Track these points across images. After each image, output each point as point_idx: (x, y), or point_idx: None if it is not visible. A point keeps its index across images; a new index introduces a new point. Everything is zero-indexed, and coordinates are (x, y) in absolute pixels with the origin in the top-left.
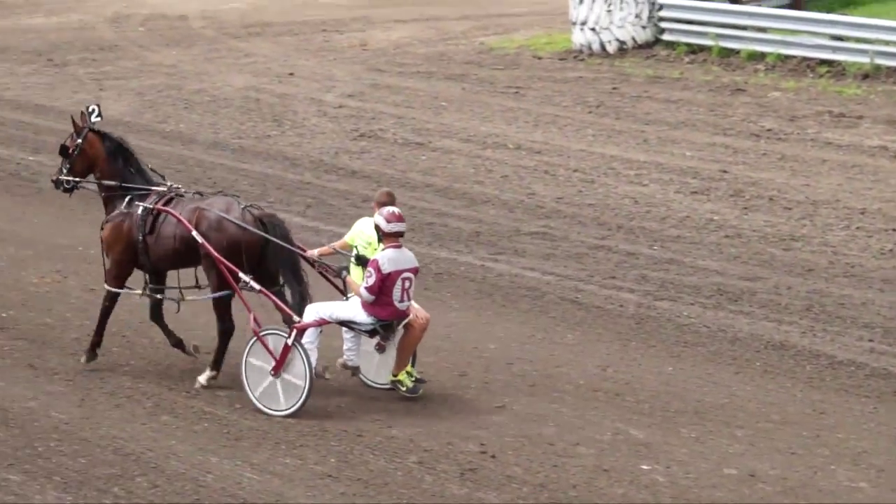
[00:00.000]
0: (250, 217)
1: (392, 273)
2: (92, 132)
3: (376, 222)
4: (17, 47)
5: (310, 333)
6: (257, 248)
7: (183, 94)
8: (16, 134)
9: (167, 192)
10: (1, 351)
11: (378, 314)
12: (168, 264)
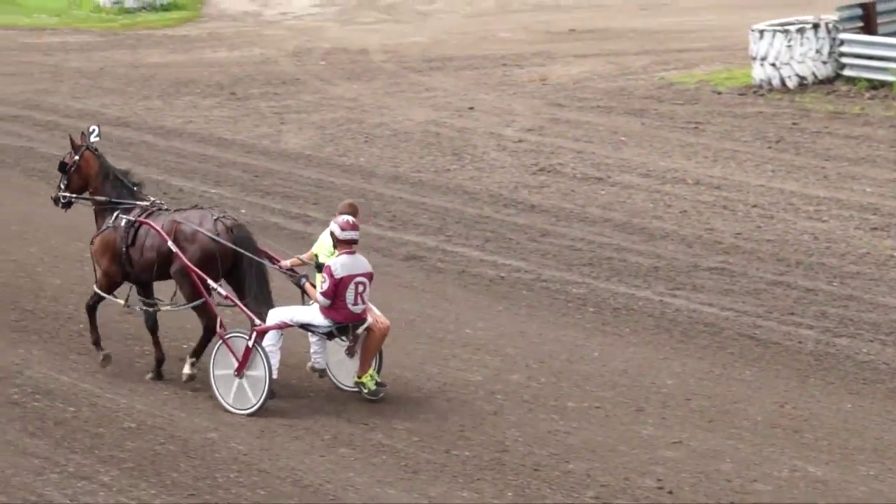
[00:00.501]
0: (223, 227)
1: (345, 278)
2: (88, 151)
3: (332, 230)
4: (200, 81)
5: (271, 336)
6: (229, 255)
7: (363, 128)
8: (198, 167)
9: (149, 207)
10: (183, 383)
11: (334, 317)
12: (149, 275)
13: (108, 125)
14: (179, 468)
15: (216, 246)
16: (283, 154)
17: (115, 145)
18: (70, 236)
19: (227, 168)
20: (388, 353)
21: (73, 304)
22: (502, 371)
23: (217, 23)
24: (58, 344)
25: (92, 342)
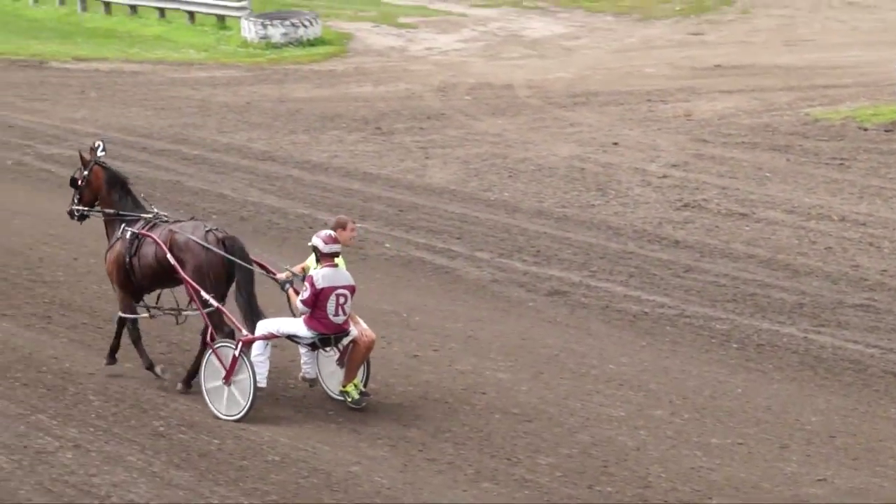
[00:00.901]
0: (213, 238)
1: (326, 289)
2: (97, 165)
3: (314, 244)
4: (345, 115)
5: (259, 346)
6: (220, 263)
7: (508, 163)
8: (344, 201)
9: (152, 219)
10: (326, 416)
11: (316, 328)
12: (150, 284)
13: (254, 159)
14: (323, 501)
15: (206, 255)
16: (428, 189)
17: (261, 178)
18: None
19: (371, 202)
20: (532, 388)
21: None
22: (645, 407)
23: (363, 58)
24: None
25: (145, 368)
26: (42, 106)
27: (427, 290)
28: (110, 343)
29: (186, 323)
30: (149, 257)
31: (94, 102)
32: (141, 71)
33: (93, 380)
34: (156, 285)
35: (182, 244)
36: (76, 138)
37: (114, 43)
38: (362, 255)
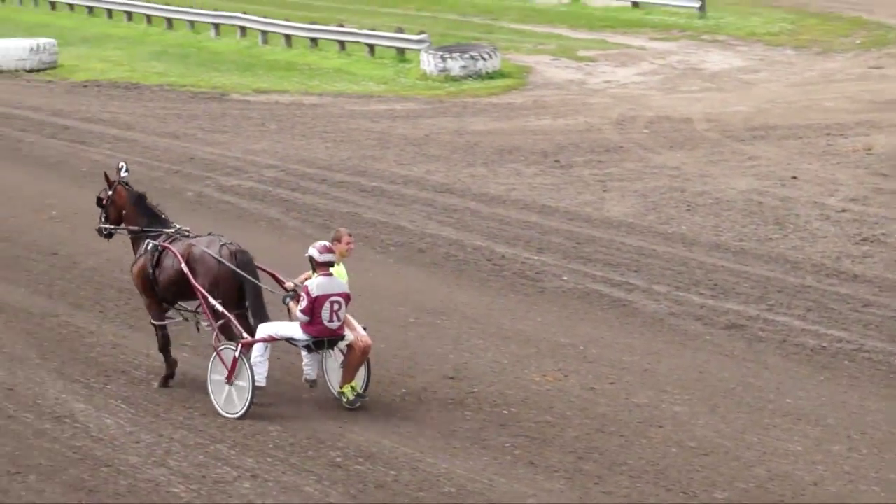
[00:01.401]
0: (227, 252)
1: (320, 297)
2: (120, 185)
3: (310, 254)
4: (524, 148)
5: (258, 348)
6: (231, 275)
7: (686, 196)
8: (521, 233)
9: (174, 234)
10: (502, 448)
11: (311, 332)
12: (172, 295)
13: (432, 191)
14: None
15: (219, 267)
16: (606, 221)
17: (439, 210)
18: (394, 301)
19: (549, 235)
20: (708, 422)
21: (395, 368)
22: (823, 441)
23: (542, 91)
24: (380, 408)
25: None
26: (223, 138)
27: (604, 322)
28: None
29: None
30: (169, 269)
31: (274, 134)
32: (321, 103)
33: (270, 410)
34: (178, 297)
35: (198, 257)
36: (256, 170)
37: (294, 75)
38: (540, 288)
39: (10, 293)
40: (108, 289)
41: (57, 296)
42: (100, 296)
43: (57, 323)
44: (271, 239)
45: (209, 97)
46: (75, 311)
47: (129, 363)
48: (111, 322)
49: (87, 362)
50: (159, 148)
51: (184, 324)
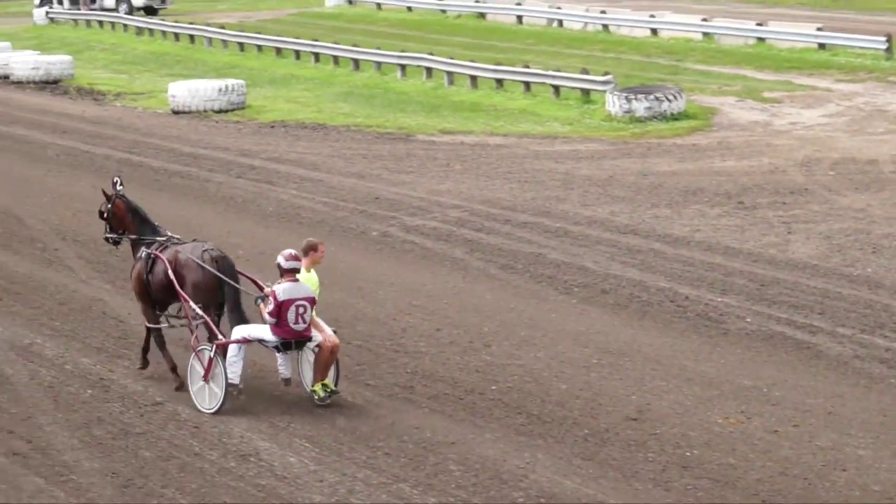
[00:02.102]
0: (209, 257)
1: (286, 301)
2: (118, 198)
3: (278, 261)
4: (708, 189)
5: (233, 348)
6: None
7: (871, 239)
8: (705, 275)
9: (165, 241)
10: (685, 490)
11: (279, 334)
12: (163, 297)
13: (616, 232)
14: None
15: (202, 271)
16: (790, 263)
17: (623, 251)
18: (576, 341)
19: (733, 277)
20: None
21: (578, 409)
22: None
23: (726, 132)
24: (563, 448)
25: (169, 370)
26: (408, 178)
27: (787, 364)
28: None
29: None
30: (160, 274)
31: (459, 175)
32: (505, 144)
33: (454, 449)
34: (171, 298)
35: (183, 262)
36: (440, 210)
37: (479, 116)
38: (723, 330)
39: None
40: None
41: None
42: None
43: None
44: (455, 279)
45: (395, 137)
46: (261, 349)
47: (313, 402)
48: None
49: (271, 401)
50: (345, 188)
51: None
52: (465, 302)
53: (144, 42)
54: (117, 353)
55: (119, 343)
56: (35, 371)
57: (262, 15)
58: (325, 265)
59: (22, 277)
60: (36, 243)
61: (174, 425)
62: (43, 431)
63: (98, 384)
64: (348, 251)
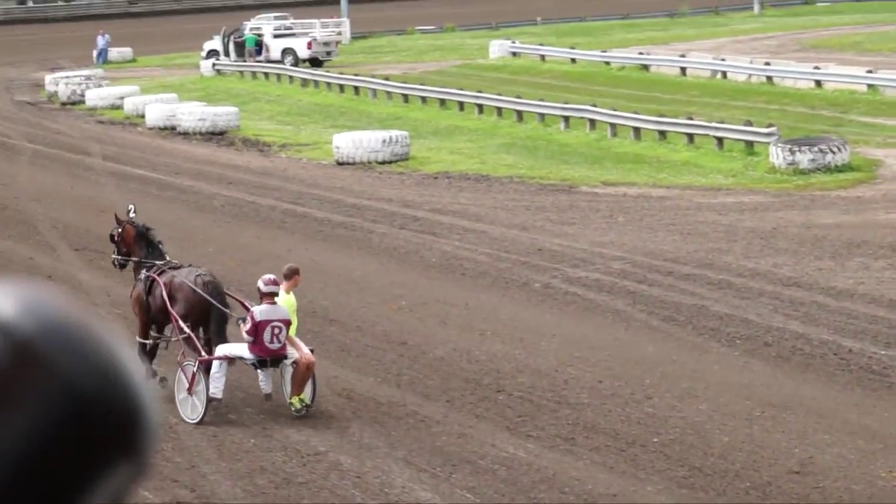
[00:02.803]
0: (201, 282)
1: (263, 322)
2: (128, 224)
3: (258, 285)
4: (873, 242)
5: (216, 365)
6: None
7: None
8: (869, 328)
9: (163, 265)
10: None
11: (255, 352)
12: (162, 318)
13: (779, 285)
14: None
15: (193, 294)
16: None
17: (786, 304)
18: (739, 394)
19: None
20: None
21: (740, 462)
22: None
23: (891, 185)
24: (725, 501)
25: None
26: (570, 230)
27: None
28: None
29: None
30: (158, 297)
31: (622, 226)
32: (668, 196)
33: (615, 501)
34: (167, 319)
35: (177, 285)
36: (603, 262)
37: (642, 168)
38: (887, 383)
39: (360, 382)
40: (456, 378)
41: (405, 385)
42: (447, 385)
43: (405, 412)
44: (617, 331)
45: (557, 189)
46: (423, 400)
47: (475, 452)
48: (458, 411)
49: (433, 451)
50: (507, 239)
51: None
52: (627, 354)
53: (309, 93)
54: (280, 402)
55: (281, 393)
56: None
57: (426, 66)
58: (487, 316)
59: None
60: None
61: (336, 475)
62: (206, 480)
63: (261, 433)
64: (510, 302)
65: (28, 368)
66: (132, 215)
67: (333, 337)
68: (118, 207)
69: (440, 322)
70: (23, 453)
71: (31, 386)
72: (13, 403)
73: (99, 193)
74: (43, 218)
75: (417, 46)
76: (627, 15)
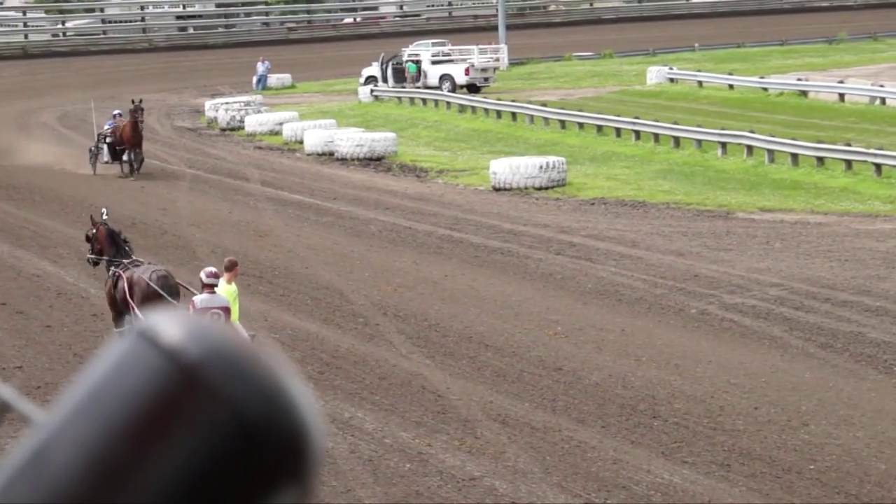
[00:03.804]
0: (155, 277)
1: (202, 308)
2: (101, 225)
3: (200, 277)
4: None
5: None
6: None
7: None
8: None
9: (128, 263)
10: None
11: None
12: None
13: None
14: None
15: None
16: None
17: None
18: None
19: None
20: None
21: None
22: None
23: None
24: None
25: None
26: (727, 256)
27: None
28: None
29: None
30: (121, 290)
31: (778, 253)
32: (825, 222)
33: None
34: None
35: (135, 280)
36: (759, 288)
37: (799, 194)
38: None
39: (515, 407)
40: (611, 404)
41: (560, 410)
42: (602, 411)
43: (560, 437)
44: (773, 357)
45: (714, 215)
46: (578, 425)
47: (630, 478)
48: (613, 437)
49: (588, 477)
50: (663, 265)
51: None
52: (784, 380)
53: (467, 119)
54: (436, 428)
55: (437, 417)
56: (355, 444)
57: (583, 92)
58: (643, 342)
59: (344, 352)
60: (358, 318)
61: (491, 500)
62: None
63: (416, 458)
64: (666, 328)
65: (196, 394)
66: (105, 217)
67: (489, 362)
68: (277, 232)
69: (596, 348)
70: (192, 477)
71: (199, 411)
72: (182, 428)
73: (257, 218)
74: (202, 243)
75: (575, 72)
76: (785, 41)
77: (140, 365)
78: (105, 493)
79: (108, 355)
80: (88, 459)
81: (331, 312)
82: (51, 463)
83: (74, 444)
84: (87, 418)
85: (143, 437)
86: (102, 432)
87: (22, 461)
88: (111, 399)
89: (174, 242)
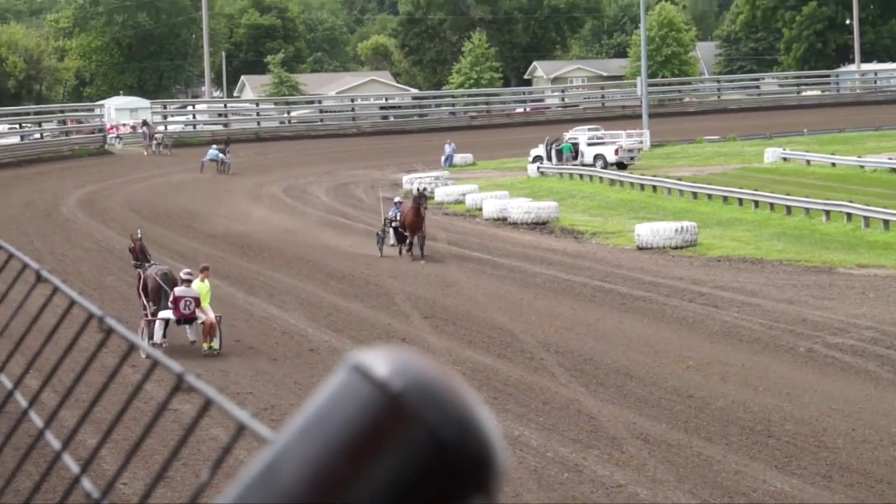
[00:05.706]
0: (161, 274)
1: (179, 296)
2: (137, 240)
3: (180, 274)
4: None
5: (158, 323)
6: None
7: None
8: None
9: (147, 266)
10: None
11: (176, 315)
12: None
13: None
14: None
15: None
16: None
17: None
18: None
19: None
20: None
21: None
22: None
23: None
24: None
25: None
26: (829, 304)
27: None
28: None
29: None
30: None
31: (873, 301)
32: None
33: None
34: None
35: (149, 277)
36: (857, 331)
37: (891, 253)
38: None
39: (654, 427)
40: (733, 425)
41: (691, 430)
42: (726, 431)
43: (691, 453)
44: (868, 388)
45: (819, 270)
46: (706, 443)
47: (749, 486)
48: (735, 453)
49: (714, 485)
50: (777, 311)
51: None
52: (877, 407)
53: (616, 191)
54: (589, 444)
55: (591, 435)
56: (522, 457)
57: (711, 169)
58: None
59: (514, 381)
60: (525, 353)
61: (634, 503)
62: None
63: (573, 469)
64: (779, 363)
65: (400, 420)
66: (139, 235)
67: (633, 391)
68: (461, 283)
69: (721, 379)
70: (397, 491)
71: (403, 434)
72: (389, 449)
73: (444, 272)
74: (398, 291)
75: (705, 153)
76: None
77: (354, 394)
78: (325, 502)
79: (328, 385)
80: (311, 474)
81: (503, 349)
82: (280, 475)
83: (300, 460)
84: (311, 439)
85: (356, 456)
86: (323, 451)
87: (256, 473)
88: (330, 423)
89: (376, 291)
